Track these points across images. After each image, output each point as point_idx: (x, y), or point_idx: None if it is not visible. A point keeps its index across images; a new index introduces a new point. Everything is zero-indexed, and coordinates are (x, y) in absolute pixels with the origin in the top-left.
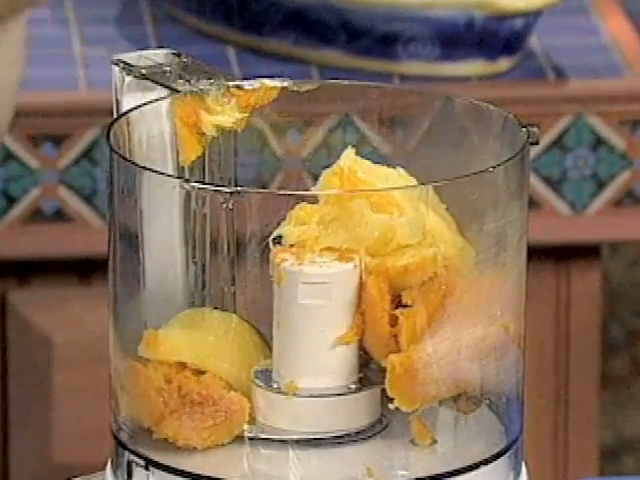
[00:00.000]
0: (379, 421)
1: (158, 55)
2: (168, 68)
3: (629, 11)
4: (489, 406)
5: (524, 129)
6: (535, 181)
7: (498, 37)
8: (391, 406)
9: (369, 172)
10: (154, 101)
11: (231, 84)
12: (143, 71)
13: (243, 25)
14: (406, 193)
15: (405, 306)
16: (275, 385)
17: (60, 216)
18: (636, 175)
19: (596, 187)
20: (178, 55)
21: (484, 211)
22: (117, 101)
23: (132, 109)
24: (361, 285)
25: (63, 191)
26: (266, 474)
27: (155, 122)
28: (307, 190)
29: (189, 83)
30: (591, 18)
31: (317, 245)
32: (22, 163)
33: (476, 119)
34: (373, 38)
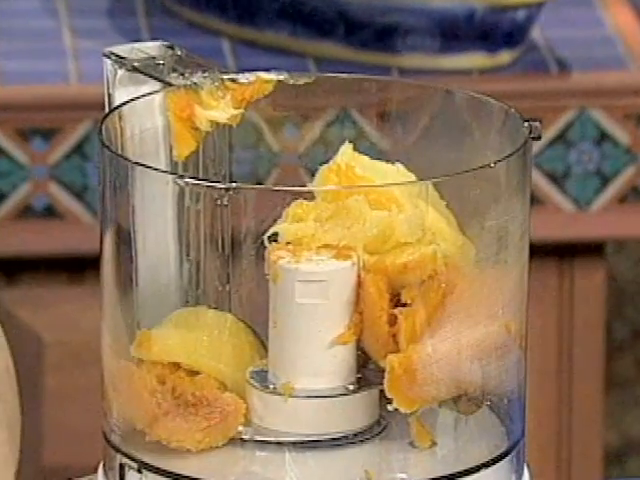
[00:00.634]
0: (377, 423)
1: (151, 47)
2: (161, 61)
3: (634, 2)
4: (490, 407)
5: (526, 124)
6: (538, 177)
7: (500, 29)
8: (390, 407)
9: (367, 168)
10: (147, 95)
11: (226, 77)
12: (136, 64)
13: (238, 16)
14: (405, 189)
15: (404, 305)
16: (271, 386)
17: (50, 212)
18: None
19: (600, 183)
20: (171, 47)
21: (485, 208)
22: (109, 95)
23: (124, 103)
24: (359, 283)
25: (53, 187)
26: (262, 477)
27: (148, 116)
28: (304, 186)
29: (183, 76)
30: (595, 9)
31: (314, 242)
32: (11, 158)
33: (477, 113)
34: (372, 30)
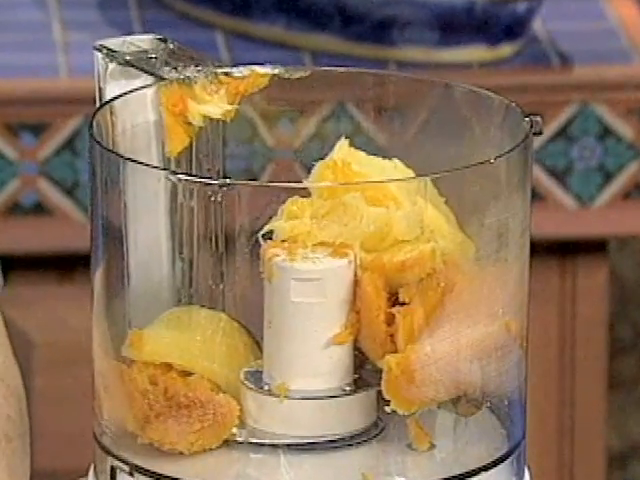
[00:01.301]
0: (375, 425)
1: (143, 41)
2: (154, 54)
3: None
4: (490, 409)
5: (527, 118)
6: (539, 173)
7: (500, 21)
8: (387, 409)
9: (364, 164)
10: (139, 89)
11: (220, 71)
12: (127, 57)
13: (232, 9)
14: (403, 185)
15: (402, 304)
16: (266, 387)
17: (40, 209)
18: None
19: (603, 179)
20: (164, 41)
21: (485, 204)
22: (100, 89)
23: (116, 97)
24: (356, 282)
25: (43, 183)
26: None
27: (140, 111)
28: (299, 182)
29: (176, 70)
30: (598, 2)
31: (310, 240)
32: (0, 154)
33: (477, 108)
34: (369, 22)
